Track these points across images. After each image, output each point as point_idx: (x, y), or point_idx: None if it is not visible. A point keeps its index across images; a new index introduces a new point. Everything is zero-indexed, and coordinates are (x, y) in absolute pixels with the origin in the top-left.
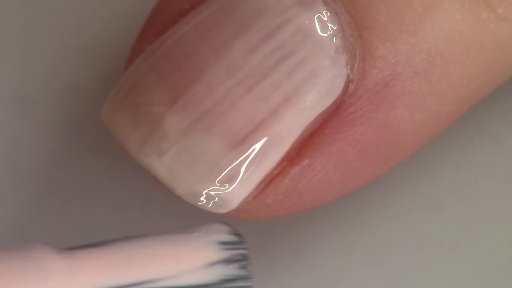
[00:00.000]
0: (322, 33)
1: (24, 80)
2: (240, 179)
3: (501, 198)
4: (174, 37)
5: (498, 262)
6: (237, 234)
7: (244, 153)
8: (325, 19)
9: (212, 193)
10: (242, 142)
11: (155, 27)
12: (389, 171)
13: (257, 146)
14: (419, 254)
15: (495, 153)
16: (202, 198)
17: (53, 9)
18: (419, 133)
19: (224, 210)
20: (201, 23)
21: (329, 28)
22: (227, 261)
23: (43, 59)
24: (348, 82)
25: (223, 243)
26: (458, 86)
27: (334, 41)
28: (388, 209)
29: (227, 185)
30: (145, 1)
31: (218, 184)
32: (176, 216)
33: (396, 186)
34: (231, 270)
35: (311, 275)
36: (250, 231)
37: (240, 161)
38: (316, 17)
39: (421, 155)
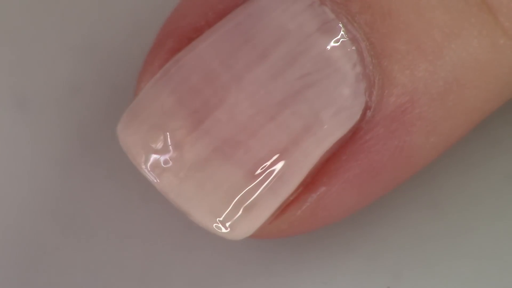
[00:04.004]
0: (343, 60)
1: (24, 80)
2: (258, 207)
3: (501, 198)
4: (192, 57)
5: (498, 262)
6: None
7: (264, 182)
8: (346, 46)
9: (229, 220)
10: (262, 171)
11: (170, 43)
12: None
13: (276, 174)
14: (419, 254)
15: (495, 152)
16: (219, 225)
17: (53, 9)
18: (430, 155)
19: (239, 238)
20: (220, 45)
21: (350, 55)
22: None
23: (43, 59)
24: (366, 109)
25: None
26: (471, 110)
27: (354, 69)
28: (388, 209)
29: (246, 213)
30: (146, 1)
31: (236, 212)
32: (176, 215)
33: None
34: None
35: (311, 275)
36: None
37: (259, 189)
38: (338, 44)
39: None
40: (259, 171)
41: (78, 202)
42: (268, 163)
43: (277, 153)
